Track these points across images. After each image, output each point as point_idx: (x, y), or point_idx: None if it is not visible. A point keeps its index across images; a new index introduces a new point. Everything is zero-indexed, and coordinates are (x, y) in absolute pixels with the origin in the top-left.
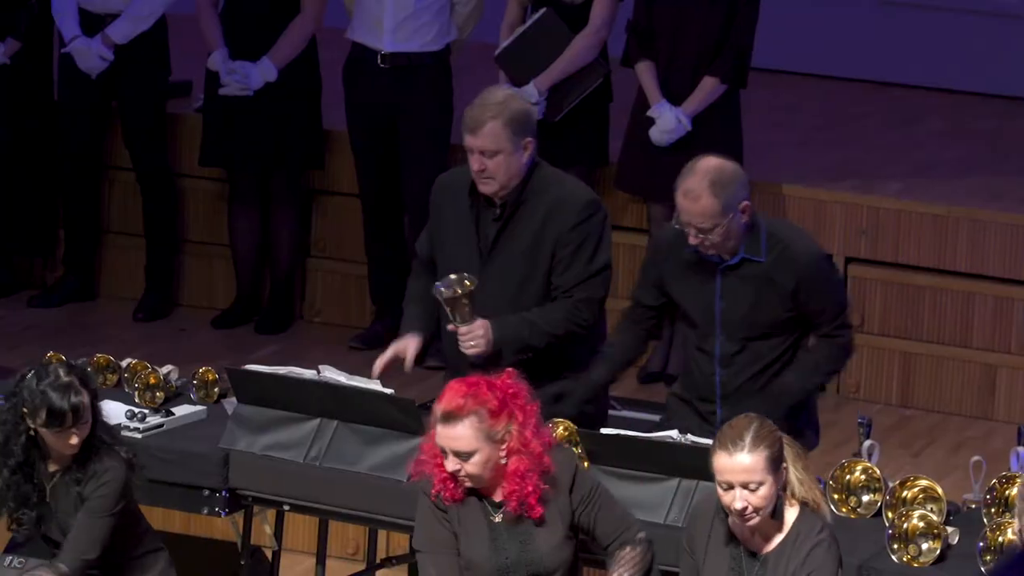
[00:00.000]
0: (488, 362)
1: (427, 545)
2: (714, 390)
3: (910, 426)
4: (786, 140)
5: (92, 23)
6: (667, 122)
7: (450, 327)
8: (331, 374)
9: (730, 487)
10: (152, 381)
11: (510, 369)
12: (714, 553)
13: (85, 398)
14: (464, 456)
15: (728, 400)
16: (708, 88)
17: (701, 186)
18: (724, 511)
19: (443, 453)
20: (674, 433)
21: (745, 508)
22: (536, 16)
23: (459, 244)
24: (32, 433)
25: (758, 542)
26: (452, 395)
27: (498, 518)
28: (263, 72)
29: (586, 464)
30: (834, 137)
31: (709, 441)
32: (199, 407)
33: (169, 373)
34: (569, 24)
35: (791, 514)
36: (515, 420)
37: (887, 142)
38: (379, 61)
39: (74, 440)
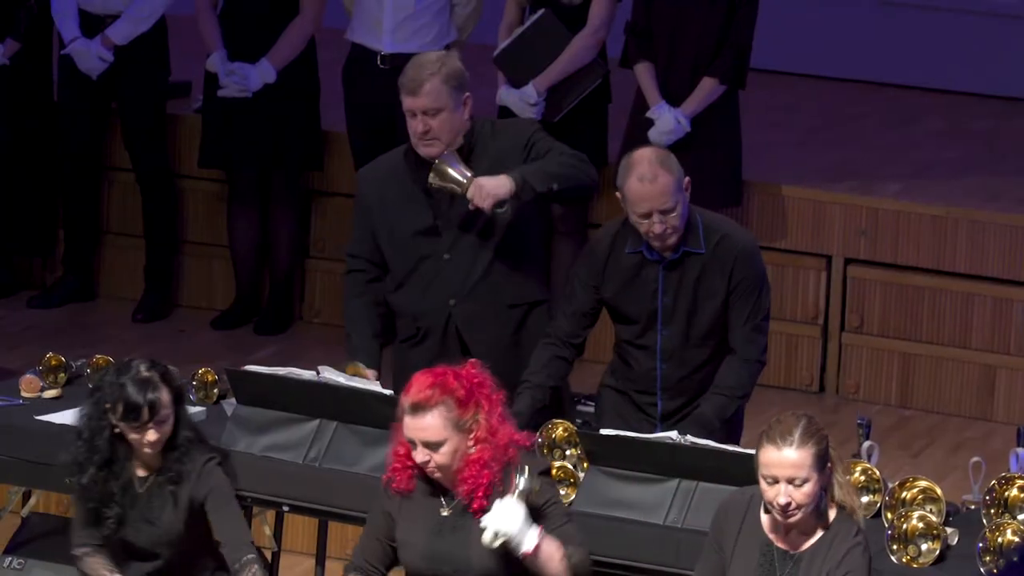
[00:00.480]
0: None
1: (365, 527)
2: (655, 383)
3: (909, 427)
4: (785, 141)
5: (92, 24)
6: (666, 123)
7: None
8: (330, 375)
9: (775, 481)
10: None
11: (473, 360)
12: (744, 548)
13: (164, 395)
14: (433, 446)
15: (668, 392)
16: (707, 89)
17: (653, 167)
18: (759, 506)
19: (412, 444)
20: (673, 434)
21: (789, 504)
22: (535, 17)
23: (416, 227)
24: (116, 430)
25: (793, 540)
26: (419, 386)
27: (446, 511)
28: (262, 73)
29: (585, 464)
30: (833, 138)
31: (708, 442)
32: (199, 408)
33: None
34: (567, 25)
35: (830, 515)
36: (482, 409)
37: (886, 143)
38: (379, 62)
39: (151, 436)
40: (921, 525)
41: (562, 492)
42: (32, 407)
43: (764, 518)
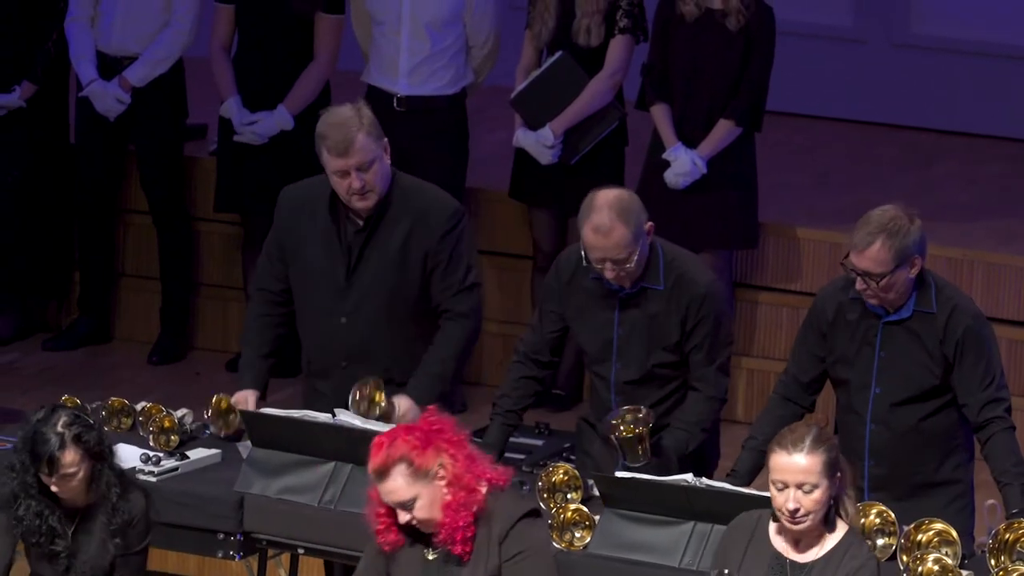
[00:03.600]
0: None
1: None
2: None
3: None
4: (801, 182)
5: (109, 66)
6: (682, 165)
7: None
8: (346, 418)
9: (785, 487)
10: (167, 424)
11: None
12: (751, 563)
13: (70, 455)
14: (407, 505)
15: None
16: (723, 131)
17: (610, 218)
18: (768, 523)
19: (393, 510)
20: (689, 476)
21: (797, 509)
22: (552, 59)
23: (323, 260)
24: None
25: (803, 550)
26: (375, 453)
27: (432, 555)
28: (279, 121)
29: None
30: (849, 179)
31: (724, 485)
32: (214, 450)
33: (184, 416)
34: (585, 67)
35: (840, 529)
36: (444, 453)
37: (901, 184)
38: (395, 104)
39: (54, 487)
40: (937, 568)
41: (577, 535)
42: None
43: (773, 530)
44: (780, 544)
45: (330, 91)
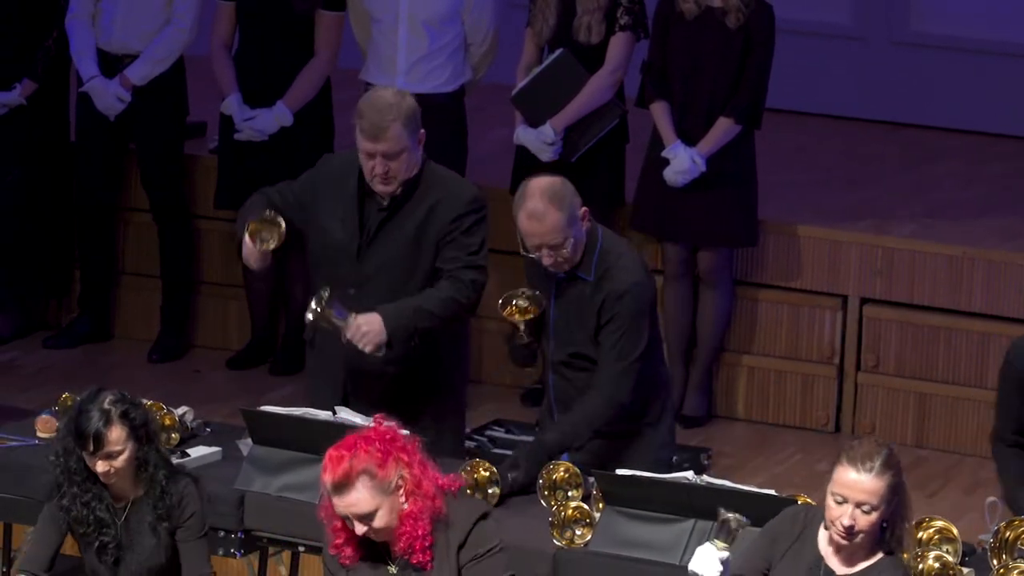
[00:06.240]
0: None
1: None
2: (551, 394)
3: (925, 467)
4: (801, 181)
5: (110, 64)
6: (681, 163)
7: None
8: (347, 415)
9: (844, 501)
10: (167, 422)
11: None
12: (792, 559)
13: (115, 432)
14: (367, 517)
15: (560, 403)
16: (723, 129)
17: (543, 204)
18: (819, 523)
19: (347, 520)
20: (689, 474)
21: (852, 527)
22: (553, 56)
23: (340, 232)
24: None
25: (842, 560)
26: (334, 464)
27: (394, 569)
28: (278, 117)
29: (601, 505)
30: (849, 177)
31: (724, 482)
32: (214, 448)
33: (184, 414)
34: (585, 64)
35: (884, 550)
36: (402, 463)
37: (902, 182)
38: None
39: (99, 468)
40: (937, 565)
41: (578, 532)
42: (48, 448)
43: (822, 535)
44: (824, 548)
45: (330, 88)
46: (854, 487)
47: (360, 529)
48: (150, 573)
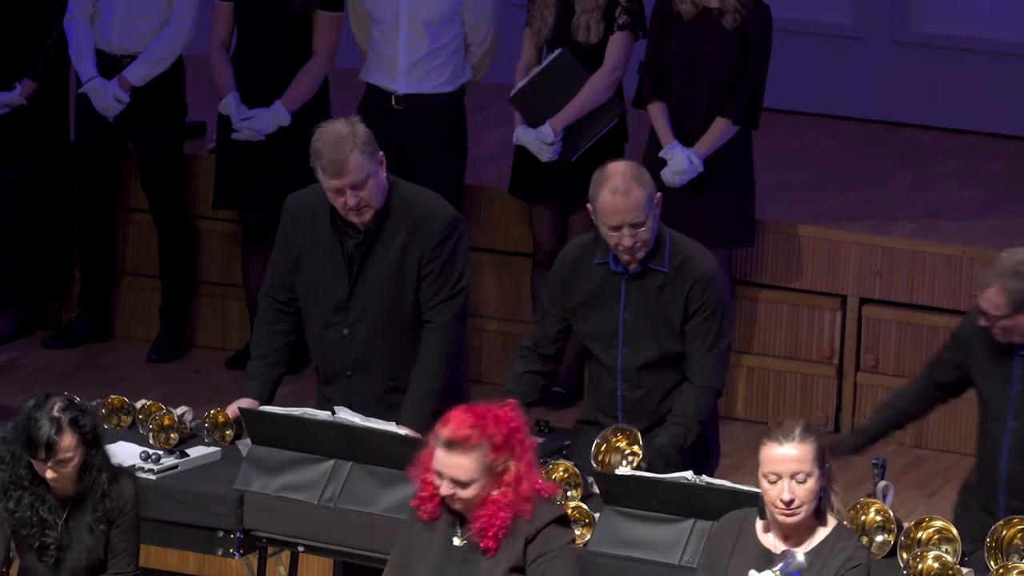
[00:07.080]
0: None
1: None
2: (616, 404)
3: (924, 467)
4: (800, 180)
5: (109, 65)
6: (679, 163)
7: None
8: (346, 415)
9: (778, 478)
10: (166, 422)
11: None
12: (739, 558)
13: (67, 440)
14: (462, 484)
15: (628, 414)
16: (720, 129)
17: (627, 180)
18: (754, 522)
19: (438, 475)
20: (689, 474)
21: (792, 500)
22: (552, 56)
23: (326, 274)
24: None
25: (792, 545)
26: (459, 424)
27: (458, 541)
28: (276, 117)
29: (600, 512)
30: (848, 177)
31: (724, 482)
32: (213, 448)
33: (184, 414)
34: (584, 64)
35: (831, 523)
36: (514, 456)
37: (901, 182)
38: (393, 102)
39: (49, 474)
40: (937, 565)
41: (577, 532)
42: None
43: (760, 527)
44: (769, 541)
45: (328, 88)
46: (783, 460)
47: (445, 490)
48: (88, 572)
